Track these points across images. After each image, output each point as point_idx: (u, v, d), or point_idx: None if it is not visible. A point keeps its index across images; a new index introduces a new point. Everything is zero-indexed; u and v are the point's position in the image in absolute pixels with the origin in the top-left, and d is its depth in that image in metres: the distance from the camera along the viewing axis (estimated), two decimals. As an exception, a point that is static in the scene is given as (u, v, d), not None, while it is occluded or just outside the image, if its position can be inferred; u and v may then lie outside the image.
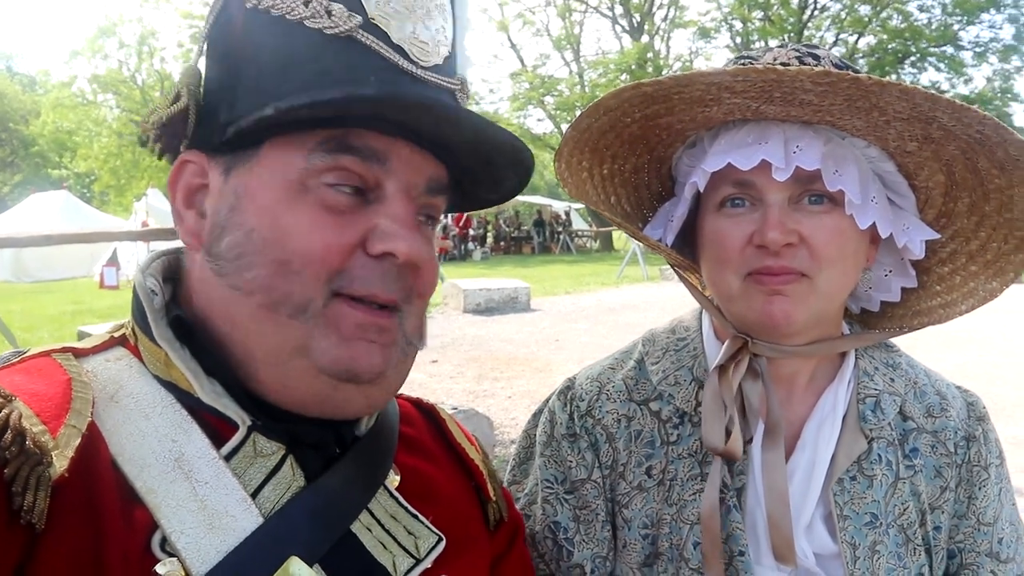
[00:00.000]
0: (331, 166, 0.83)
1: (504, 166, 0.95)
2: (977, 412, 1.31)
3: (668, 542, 1.26)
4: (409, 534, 0.96)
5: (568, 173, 1.33)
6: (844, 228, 1.15)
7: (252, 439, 0.85)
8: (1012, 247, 1.21)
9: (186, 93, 0.89)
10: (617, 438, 1.33)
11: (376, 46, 0.84)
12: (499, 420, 6.45)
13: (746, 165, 1.13)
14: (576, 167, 1.32)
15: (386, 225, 0.85)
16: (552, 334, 11.06)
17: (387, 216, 0.85)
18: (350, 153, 0.84)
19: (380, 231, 0.85)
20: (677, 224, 1.30)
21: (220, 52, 0.90)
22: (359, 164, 0.84)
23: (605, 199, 1.39)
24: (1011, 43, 34.72)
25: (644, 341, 1.44)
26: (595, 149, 1.30)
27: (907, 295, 1.34)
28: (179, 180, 0.92)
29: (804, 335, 1.23)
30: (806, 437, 1.25)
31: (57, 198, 25.76)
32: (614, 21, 40.16)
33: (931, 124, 1.10)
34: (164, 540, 0.76)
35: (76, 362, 0.85)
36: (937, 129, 1.10)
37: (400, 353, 0.90)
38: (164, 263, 0.97)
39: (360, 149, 0.84)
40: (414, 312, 0.92)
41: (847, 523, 1.20)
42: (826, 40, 36.48)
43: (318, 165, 0.83)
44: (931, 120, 1.08)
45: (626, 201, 1.42)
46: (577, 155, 1.30)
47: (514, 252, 33.84)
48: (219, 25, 0.89)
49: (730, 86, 1.10)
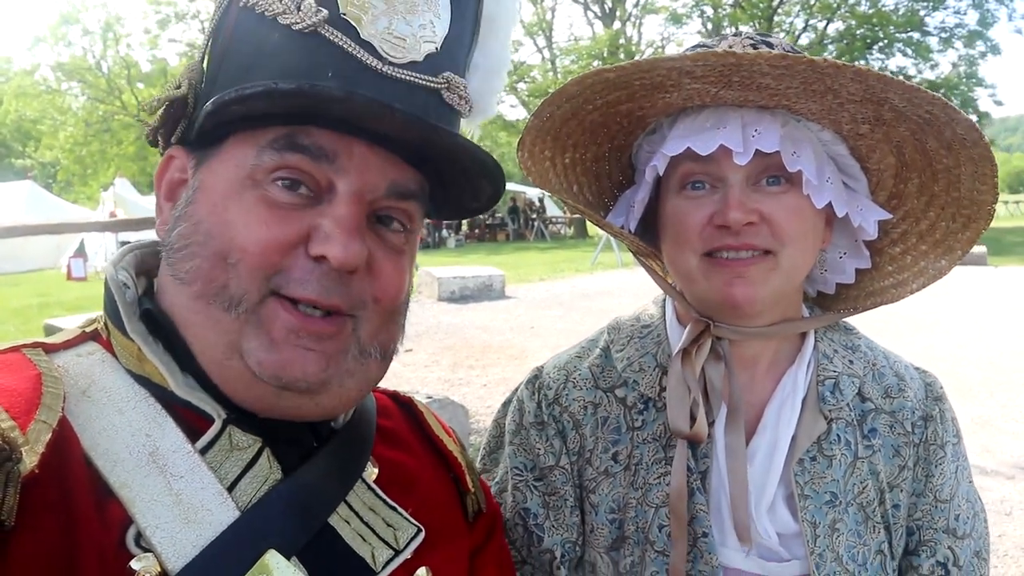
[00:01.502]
0: (278, 164, 0.83)
1: (478, 174, 0.93)
2: (934, 392, 1.34)
3: (634, 525, 1.29)
4: (388, 526, 0.96)
5: (531, 162, 1.34)
6: (802, 207, 1.18)
7: (228, 432, 0.85)
8: (959, 225, 1.25)
9: (186, 85, 0.89)
10: (584, 425, 1.35)
11: (339, 41, 0.83)
12: (474, 408, 6.47)
13: (705, 150, 1.16)
14: (539, 156, 1.34)
15: (326, 226, 0.83)
16: (527, 321, 11.09)
17: (329, 217, 0.83)
18: (298, 151, 0.83)
19: (320, 232, 0.83)
20: (639, 210, 1.32)
21: (215, 52, 0.90)
22: (308, 163, 0.83)
23: (568, 188, 1.41)
24: (976, 29, 35.22)
25: (609, 329, 1.46)
26: (557, 137, 1.32)
27: (861, 277, 1.37)
28: (164, 175, 0.93)
29: (766, 316, 1.25)
30: (767, 419, 1.28)
31: (22, 188, 25.33)
32: (586, 7, 40.13)
33: (883, 106, 1.13)
34: (139, 535, 0.75)
35: (47, 357, 0.84)
36: (889, 111, 1.14)
37: (353, 361, 0.88)
38: (137, 257, 0.97)
39: (308, 148, 0.83)
40: (371, 319, 0.89)
41: (807, 502, 1.23)
42: (796, 26, 36.81)
43: (266, 162, 0.83)
44: (883, 101, 1.12)
45: (588, 190, 1.44)
46: (540, 144, 1.32)
47: (488, 239, 33.80)
48: (218, 24, 0.90)
49: (690, 71, 1.12)
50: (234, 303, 0.81)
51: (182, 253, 0.84)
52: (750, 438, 1.27)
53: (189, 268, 0.83)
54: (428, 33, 0.88)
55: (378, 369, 0.93)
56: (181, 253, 0.84)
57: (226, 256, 0.81)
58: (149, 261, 0.97)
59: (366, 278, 0.87)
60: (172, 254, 0.85)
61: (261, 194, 0.83)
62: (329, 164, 0.84)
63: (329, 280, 0.83)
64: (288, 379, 0.82)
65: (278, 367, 0.82)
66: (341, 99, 0.79)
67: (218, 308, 0.82)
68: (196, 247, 0.83)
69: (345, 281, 0.85)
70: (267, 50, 0.84)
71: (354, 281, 0.86)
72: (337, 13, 0.83)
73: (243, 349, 0.82)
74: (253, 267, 0.81)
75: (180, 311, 0.85)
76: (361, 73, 0.84)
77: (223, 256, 0.82)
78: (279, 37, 0.83)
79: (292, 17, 0.83)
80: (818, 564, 1.20)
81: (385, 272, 0.89)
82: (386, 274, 0.89)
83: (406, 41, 0.86)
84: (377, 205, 0.88)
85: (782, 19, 36.82)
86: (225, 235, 0.82)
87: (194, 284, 0.82)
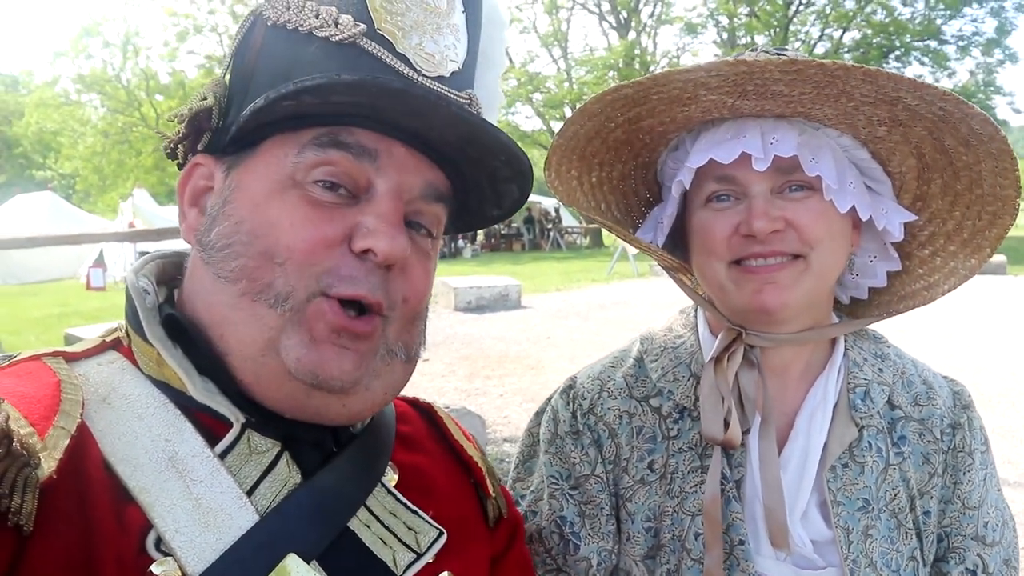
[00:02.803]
0: (320, 160, 0.85)
1: (507, 178, 0.95)
2: (963, 400, 1.35)
3: (670, 534, 1.29)
4: (409, 529, 0.96)
5: (558, 181, 1.37)
6: (827, 210, 1.20)
7: (246, 436, 0.86)
8: (986, 223, 1.26)
9: (212, 97, 0.91)
10: (619, 434, 1.36)
11: (379, 53, 0.86)
12: (491, 419, 6.44)
13: (727, 159, 1.18)
14: (565, 175, 1.36)
15: (370, 222, 0.85)
16: (543, 331, 11.07)
17: (372, 214, 0.85)
18: (340, 149, 0.85)
19: (363, 228, 0.85)
20: (667, 225, 1.34)
21: (240, 67, 0.92)
22: (349, 161, 0.85)
23: (595, 206, 1.43)
24: (993, 37, 35.00)
25: (642, 339, 1.47)
26: (582, 156, 1.34)
27: (892, 281, 1.38)
28: (188, 182, 0.95)
29: (796, 322, 1.26)
30: (799, 426, 1.29)
31: (43, 199, 25.58)
32: (601, 18, 40.23)
33: (896, 105, 1.14)
34: (159, 540, 0.76)
35: (67, 366, 0.85)
36: (903, 110, 1.15)
37: (380, 361, 0.89)
38: (159, 266, 0.98)
39: (351, 146, 0.85)
40: (399, 319, 0.91)
41: (840, 509, 1.23)
42: (811, 35, 36.70)
43: (308, 159, 0.85)
44: (896, 101, 1.13)
45: (616, 207, 1.46)
46: (566, 163, 1.34)
47: (504, 249, 33.82)
48: (243, 43, 0.92)
49: (705, 82, 1.14)
50: (280, 300, 0.82)
51: (224, 252, 0.85)
52: (782, 446, 1.28)
53: (234, 267, 0.84)
54: (452, 54, 0.92)
55: (403, 371, 0.94)
56: (224, 252, 0.85)
57: (272, 255, 0.83)
58: (170, 271, 0.99)
59: (399, 277, 0.89)
60: (213, 253, 0.86)
61: (303, 194, 0.84)
62: (371, 163, 0.86)
63: (376, 277, 0.85)
64: (324, 376, 0.83)
65: (316, 364, 0.83)
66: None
67: (263, 304, 0.82)
68: (240, 246, 0.84)
69: (388, 279, 0.87)
70: (304, 61, 0.86)
71: (392, 279, 0.87)
72: (373, 29, 0.86)
73: (281, 346, 0.82)
74: (301, 265, 0.82)
75: (219, 309, 0.85)
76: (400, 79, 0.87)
77: (270, 255, 0.83)
78: (316, 49, 0.86)
79: (330, 30, 0.85)
80: (852, 570, 1.20)
81: (416, 273, 0.91)
82: (416, 275, 0.91)
83: (435, 57, 0.90)
84: (412, 207, 0.90)
85: (797, 29, 36.74)
86: (270, 234, 0.83)
87: (239, 282, 0.83)
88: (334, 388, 0.84)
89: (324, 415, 0.87)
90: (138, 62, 41.43)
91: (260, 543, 0.79)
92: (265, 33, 0.90)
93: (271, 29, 0.89)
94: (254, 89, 0.88)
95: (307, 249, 0.83)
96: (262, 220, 0.84)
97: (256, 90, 0.87)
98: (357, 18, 0.86)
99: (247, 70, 0.91)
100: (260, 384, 0.85)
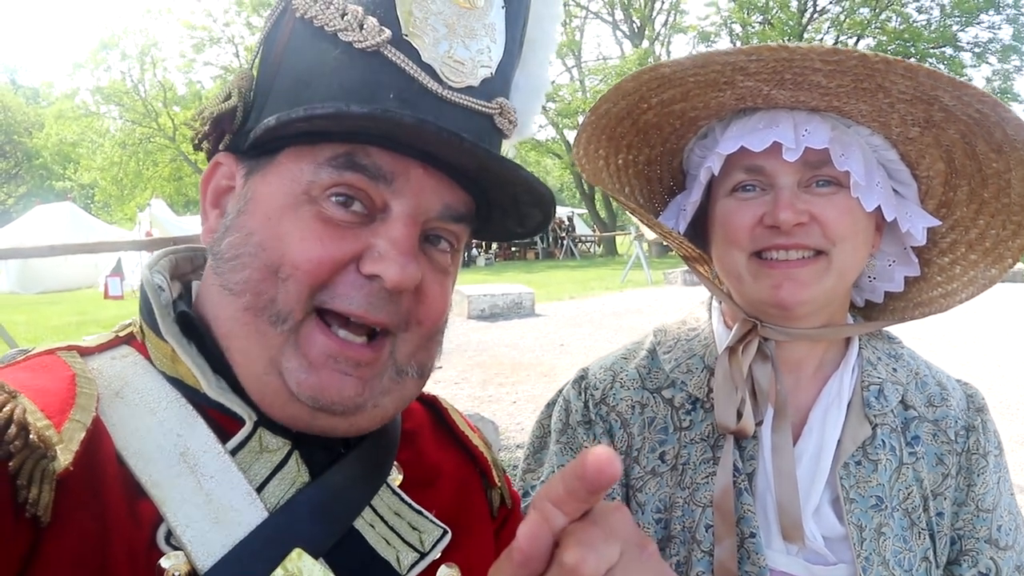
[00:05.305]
0: (336, 181, 0.83)
1: (530, 203, 0.92)
2: (976, 403, 1.34)
3: (680, 525, 1.29)
4: (413, 529, 0.96)
5: (586, 160, 1.36)
6: (853, 207, 1.19)
7: (258, 434, 0.86)
8: (1010, 232, 1.25)
9: (236, 94, 0.90)
10: (631, 424, 1.37)
11: (401, 63, 0.83)
12: (504, 425, 6.45)
13: (758, 147, 1.18)
14: (593, 155, 1.36)
15: (381, 246, 0.82)
16: (557, 339, 11.06)
17: (385, 238, 0.83)
18: (356, 171, 0.82)
19: (374, 252, 0.82)
20: (690, 212, 1.34)
21: (267, 60, 0.91)
22: (366, 182, 0.83)
23: (620, 188, 1.43)
24: (1010, 43, 34.78)
25: (656, 332, 1.48)
26: (612, 137, 1.34)
27: (909, 287, 1.37)
28: (211, 180, 0.94)
29: (813, 318, 1.26)
30: (812, 422, 1.28)
31: (62, 210, 25.88)
32: (615, 27, 40.31)
33: (933, 105, 1.13)
34: (169, 533, 0.76)
35: (81, 360, 0.84)
36: (939, 111, 1.14)
37: (389, 381, 0.88)
38: (172, 261, 0.98)
39: (367, 168, 0.83)
40: (411, 340, 0.89)
41: (853, 506, 1.23)
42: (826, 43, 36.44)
43: (323, 179, 0.83)
44: (933, 100, 1.12)
45: (639, 192, 1.47)
46: (595, 142, 1.34)
47: (518, 257, 33.86)
48: (271, 33, 0.90)
49: (744, 67, 1.14)
50: (280, 318, 0.81)
51: (232, 263, 0.84)
52: (796, 441, 1.28)
53: (239, 280, 0.83)
54: (485, 58, 0.88)
55: (415, 387, 0.93)
56: (231, 263, 0.84)
57: (277, 270, 0.81)
58: (183, 266, 0.99)
59: (413, 298, 0.87)
60: (222, 264, 0.85)
61: (316, 210, 0.83)
62: (387, 185, 0.83)
63: (377, 297, 0.83)
64: (325, 402, 0.82)
65: (316, 389, 0.82)
66: (412, 126, 0.78)
67: (265, 321, 0.81)
68: (247, 258, 0.83)
69: (394, 299, 0.84)
70: (326, 66, 0.84)
71: (402, 300, 0.85)
72: (400, 35, 0.83)
73: (283, 367, 0.82)
74: (302, 283, 0.81)
75: (225, 322, 0.84)
76: (422, 96, 0.84)
77: (274, 269, 0.81)
78: (339, 54, 0.83)
79: (354, 35, 0.82)
80: (864, 568, 1.20)
81: (431, 295, 0.89)
82: (432, 297, 0.89)
83: (464, 65, 0.86)
84: (429, 226, 0.88)
85: (812, 36, 36.66)
86: (278, 249, 0.82)
87: (243, 296, 0.82)
88: (336, 412, 0.84)
89: (331, 433, 0.87)
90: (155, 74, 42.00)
91: (268, 539, 0.79)
92: (293, 26, 0.87)
93: (299, 22, 0.86)
94: (275, 93, 0.87)
95: (311, 269, 0.81)
96: (272, 233, 0.83)
97: (277, 95, 0.87)
98: (383, 21, 0.82)
99: (273, 66, 0.89)
100: (265, 401, 0.84)
